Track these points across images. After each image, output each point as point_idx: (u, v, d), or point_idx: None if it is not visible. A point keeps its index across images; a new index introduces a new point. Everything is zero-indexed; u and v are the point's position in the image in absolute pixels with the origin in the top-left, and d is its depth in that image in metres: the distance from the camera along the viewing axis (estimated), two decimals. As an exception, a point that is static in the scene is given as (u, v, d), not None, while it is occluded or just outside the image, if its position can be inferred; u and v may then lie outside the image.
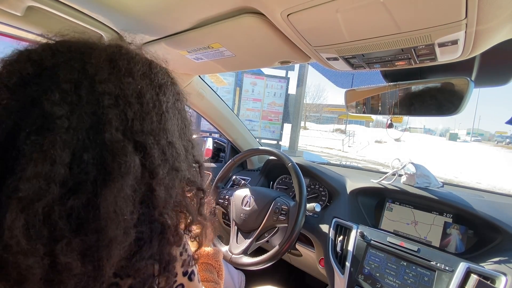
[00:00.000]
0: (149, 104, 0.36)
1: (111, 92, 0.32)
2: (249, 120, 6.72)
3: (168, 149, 0.37)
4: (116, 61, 0.35)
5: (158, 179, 0.35)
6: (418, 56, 0.57)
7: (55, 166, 0.28)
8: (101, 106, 0.32)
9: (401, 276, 0.80)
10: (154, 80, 0.38)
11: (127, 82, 0.34)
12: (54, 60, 0.32)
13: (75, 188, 0.29)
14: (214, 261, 0.65)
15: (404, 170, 1.01)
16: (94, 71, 0.33)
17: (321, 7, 0.46)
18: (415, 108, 0.81)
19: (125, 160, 0.31)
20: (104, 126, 0.31)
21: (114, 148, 0.31)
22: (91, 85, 0.32)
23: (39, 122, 0.29)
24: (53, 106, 0.29)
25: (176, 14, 0.64)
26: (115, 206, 0.30)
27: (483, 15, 0.41)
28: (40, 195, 0.27)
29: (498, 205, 0.86)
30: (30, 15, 0.68)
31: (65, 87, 0.30)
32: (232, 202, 1.07)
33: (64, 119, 0.29)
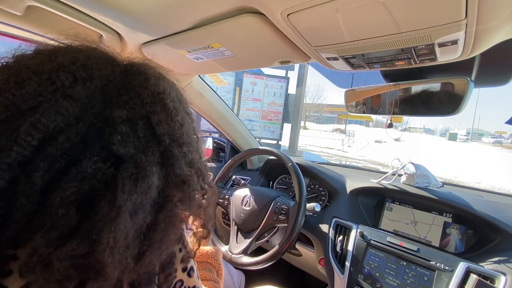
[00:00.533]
0: (190, 135, 0.40)
1: (168, 132, 0.35)
2: (249, 120, 6.73)
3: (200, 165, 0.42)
4: (164, 101, 0.36)
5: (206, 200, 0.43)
6: (418, 56, 0.57)
7: (151, 188, 0.32)
8: (163, 145, 0.35)
9: (400, 275, 0.80)
10: (187, 111, 0.41)
11: (176, 121, 0.37)
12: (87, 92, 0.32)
13: (152, 208, 0.33)
14: (214, 260, 0.65)
15: (404, 170, 1.01)
16: (146, 112, 0.34)
17: (321, 7, 0.46)
18: (415, 108, 0.81)
19: (194, 188, 0.38)
20: (173, 162, 0.35)
21: (187, 180, 0.37)
22: (147, 126, 0.34)
23: (101, 154, 0.30)
24: (119, 148, 0.31)
25: (176, 14, 0.64)
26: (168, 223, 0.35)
27: (483, 15, 0.41)
28: (140, 207, 0.31)
29: (497, 205, 0.86)
30: (30, 15, 0.68)
31: (122, 129, 0.31)
32: (232, 202, 1.07)
33: (141, 155, 0.32)
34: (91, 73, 0.32)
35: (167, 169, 0.35)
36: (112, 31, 0.79)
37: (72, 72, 0.31)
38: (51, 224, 0.27)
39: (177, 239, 0.40)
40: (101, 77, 0.33)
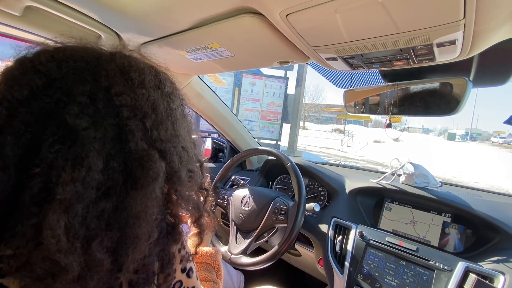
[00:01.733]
0: (162, 114, 0.38)
1: (127, 104, 0.34)
2: (248, 120, 6.73)
3: (183, 153, 0.40)
4: (128, 73, 0.36)
5: (181, 182, 0.39)
6: (417, 56, 0.57)
7: (91, 172, 0.30)
8: (120, 117, 0.34)
9: (400, 275, 0.80)
10: (164, 90, 0.40)
11: (141, 94, 0.36)
12: (61, 71, 0.34)
13: (106, 192, 0.31)
14: (213, 261, 0.65)
15: (402, 170, 1.01)
16: (108, 83, 0.34)
17: (320, 7, 0.46)
18: (413, 108, 0.81)
19: (154, 166, 0.34)
20: (127, 136, 0.33)
21: (140, 156, 0.34)
22: (107, 98, 0.34)
23: (60, 133, 0.31)
24: (75, 119, 0.31)
25: (175, 14, 0.64)
26: (145, 207, 0.33)
27: (481, 15, 0.41)
28: (78, 197, 0.29)
29: (496, 204, 0.87)
30: (28, 15, 0.68)
31: (81, 100, 0.32)
32: (231, 202, 1.07)
33: (90, 130, 0.31)
34: (70, 56, 0.35)
35: (123, 145, 0.33)
36: (111, 31, 0.79)
37: (51, 54, 0.35)
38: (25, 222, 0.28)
39: (166, 233, 0.39)
40: (79, 59, 0.35)
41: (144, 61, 0.41)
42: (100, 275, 0.30)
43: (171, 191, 0.39)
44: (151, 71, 0.40)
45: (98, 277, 0.30)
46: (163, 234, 0.38)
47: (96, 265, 0.30)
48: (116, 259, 0.32)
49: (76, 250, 0.29)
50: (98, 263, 0.30)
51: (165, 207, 0.39)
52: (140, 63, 0.39)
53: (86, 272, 0.29)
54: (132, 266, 0.33)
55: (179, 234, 0.41)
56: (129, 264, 0.32)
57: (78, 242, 0.29)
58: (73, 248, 0.28)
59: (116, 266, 0.32)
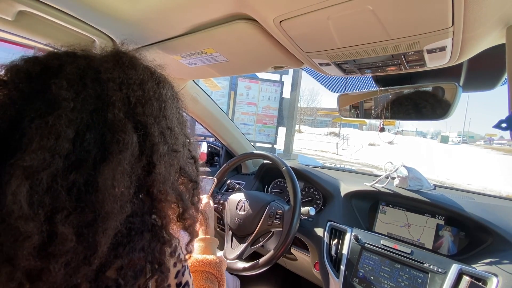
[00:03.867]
0: (150, 92, 0.39)
1: (115, 79, 0.35)
2: (244, 124, 6.73)
3: (167, 132, 0.40)
4: (120, 57, 0.38)
5: (158, 155, 0.37)
6: (408, 62, 0.58)
7: (59, 140, 0.30)
8: (105, 90, 0.34)
9: (395, 278, 0.81)
10: (154, 74, 0.42)
11: (130, 72, 0.37)
12: (60, 61, 0.35)
13: (78, 163, 0.31)
14: (216, 271, 0.62)
15: (396, 173, 1.02)
16: (99, 64, 0.36)
17: (312, 14, 0.47)
18: (406, 112, 0.82)
19: (123, 136, 0.33)
20: (108, 107, 0.34)
21: (114, 126, 0.33)
22: (96, 75, 0.35)
23: (44, 108, 0.31)
24: (60, 90, 0.32)
25: (170, 20, 0.64)
26: (113, 180, 0.32)
27: (469, 23, 0.43)
28: (44, 165, 0.29)
29: (488, 206, 0.88)
30: (21, 20, 0.67)
31: (71, 77, 0.33)
32: (227, 207, 1.06)
33: (70, 101, 0.32)
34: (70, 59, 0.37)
35: (101, 116, 0.34)
36: (105, 36, 0.79)
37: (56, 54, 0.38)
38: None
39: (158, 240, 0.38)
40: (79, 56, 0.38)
41: (141, 58, 0.43)
42: (66, 256, 0.29)
43: (150, 169, 0.37)
44: (144, 63, 0.42)
45: (64, 258, 0.29)
46: (146, 228, 0.36)
47: (60, 238, 0.29)
48: (87, 238, 0.30)
49: (38, 218, 0.28)
50: (62, 236, 0.29)
51: (146, 197, 0.38)
52: (134, 54, 0.42)
53: (50, 245, 0.29)
54: (105, 247, 0.31)
55: (168, 236, 0.39)
56: (101, 246, 0.31)
57: (41, 210, 0.28)
58: (35, 216, 0.28)
59: (89, 246, 0.31)
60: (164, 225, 0.39)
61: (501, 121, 0.43)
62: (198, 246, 0.67)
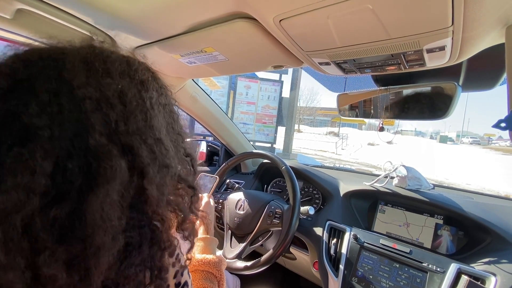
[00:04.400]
0: (132, 103, 0.34)
1: (91, 96, 0.31)
2: (243, 123, 6.73)
3: (157, 146, 0.36)
4: (91, 62, 0.33)
5: (148, 178, 0.34)
6: (408, 62, 0.58)
7: (35, 177, 0.27)
8: (83, 112, 0.30)
9: (393, 278, 0.81)
10: (134, 77, 0.37)
11: (106, 84, 0.33)
12: (27, 70, 0.31)
13: (59, 197, 0.28)
14: (216, 271, 0.61)
15: (396, 173, 1.02)
16: (71, 76, 0.31)
17: (312, 13, 0.47)
18: (405, 112, 0.82)
19: (110, 164, 0.30)
20: (88, 132, 0.30)
21: (98, 153, 0.30)
22: (70, 92, 0.31)
23: (21, 134, 0.28)
24: (31, 118, 0.28)
25: (170, 18, 0.64)
26: (102, 212, 0.29)
27: (469, 22, 0.43)
28: (18, 206, 0.26)
29: (487, 206, 0.88)
30: (20, 18, 0.67)
31: (43, 98, 0.29)
32: (226, 206, 1.06)
33: (46, 128, 0.28)
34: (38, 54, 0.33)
35: (82, 142, 0.30)
36: (104, 35, 0.78)
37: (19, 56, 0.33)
38: None
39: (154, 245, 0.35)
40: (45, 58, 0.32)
41: (115, 50, 0.38)
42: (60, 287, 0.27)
43: (142, 190, 0.34)
44: (121, 59, 0.37)
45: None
46: (144, 240, 0.34)
47: (48, 281, 0.27)
48: (79, 272, 0.28)
49: (18, 265, 0.25)
50: (50, 279, 0.26)
51: (138, 211, 0.35)
52: (107, 52, 0.36)
53: (39, 284, 0.27)
54: (99, 279, 0.29)
55: (168, 242, 0.38)
56: (96, 278, 0.29)
57: (20, 257, 0.26)
58: (14, 264, 0.25)
59: (82, 277, 0.28)
60: (165, 230, 0.38)
61: (500, 121, 0.43)
62: (197, 246, 0.67)
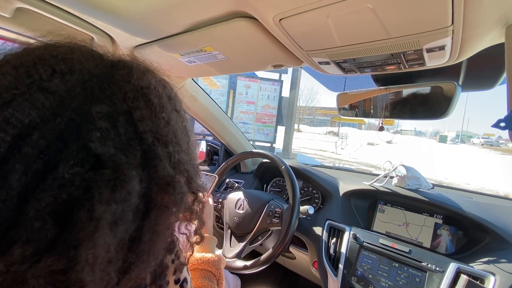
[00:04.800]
0: (181, 136, 0.38)
1: (151, 130, 0.32)
2: (243, 123, 6.73)
3: (192, 170, 0.40)
4: (147, 95, 0.33)
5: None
6: (407, 61, 0.58)
7: (131, 196, 0.29)
8: (146, 144, 0.32)
9: (393, 277, 0.81)
10: (178, 109, 0.39)
11: (162, 118, 0.34)
12: (65, 85, 0.30)
13: (134, 216, 0.30)
14: (215, 269, 0.62)
15: (395, 172, 1.02)
16: (127, 107, 0.32)
17: (312, 12, 0.47)
18: (405, 112, 0.82)
19: (181, 191, 0.34)
20: (154, 162, 0.32)
21: (167, 182, 0.33)
22: (129, 123, 0.31)
23: (79, 156, 0.28)
24: (100, 146, 0.28)
25: (169, 17, 0.64)
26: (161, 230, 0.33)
27: (469, 22, 0.43)
28: (121, 217, 0.28)
29: (486, 206, 0.88)
30: (19, 17, 0.67)
31: (101, 125, 0.29)
32: (226, 205, 1.06)
33: (120, 155, 0.29)
34: (71, 66, 0.30)
35: (150, 170, 0.32)
36: (104, 34, 0.78)
37: (51, 65, 0.29)
38: (26, 237, 0.24)
39: (167, 248, 0.38)
40: (83, 71, 0.31)
41: (156, 73, 0.39)
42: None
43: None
44: (165, 86, 0.39)
45: None
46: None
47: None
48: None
49: (110, 282, 0.27)
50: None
51: None
52: (154, 79, 0.37)
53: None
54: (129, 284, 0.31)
55: (173, 243, 0.39)
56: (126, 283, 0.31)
57: (113, 272, 0.27)
58: (106, 279, 0.27)
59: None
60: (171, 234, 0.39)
61: (500, 120, 0.43)
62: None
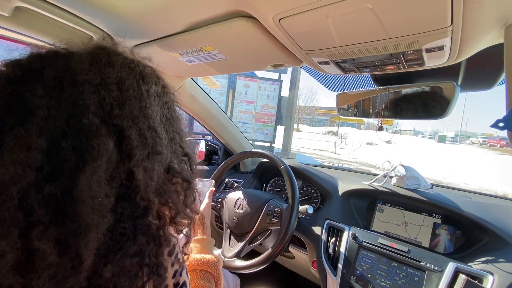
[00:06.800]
0: (128, 91, 0.37)
1: (91, 81, 0.34)
2: (242, 122, 6.73)
3: (148, 133, 0.38)
4: (97, 55, 0.36)
5: (135, 161, 0.35)
6: (407, 61, 0.58)
7: (30, 152, 0.29)
8: (81, 94, 0.33)
9: (392, 276, 0.81)
10: (134, 69, 0.39)
11: (107, 72, 0.35)
12: (41, 63, 0.34)
13: (53, 174, 0.30)
14: (214, 270, 0.62)
15: (394, 172, 1.02)
16: (76, 65, 0.34)
17: (312, 12, 0.47)
18: (404, 111, 0.82)
19: (98, 142, 0.32)
20: (83, 112, 0.32)
21: (89, 132, 0.32)
22: (73, 77, 0.33)
23: (22, 116, 0.30)
24: (34, 97, 0.31)
25: (169, 17, 0.64)
26: (89, 190, 0.30)
27: (468, 22, 0.43)
28: (15, 179, 0.28)
29: (484, 205, 0.89)
30: (18, 16, 0.67)
31: (48, 83, 0.32)
32: (225, 205, 1.06)
33: (44, 108, 0.31)
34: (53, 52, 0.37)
35: (72, 120, 0.33)
36: (103, 33, 0.78)
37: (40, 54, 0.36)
38: None
39: (168, 252, 0.38)
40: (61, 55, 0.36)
41: (123, 51, 0.41)
42: (49, 270, 0.28)
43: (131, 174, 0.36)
44: (125, 56, 0.40)
45: (47, 272, 0.28)
46: (139, 232, 0.35)
47: (40, 254, 0.28)
48: (69, 251, 0.29)
49: (11, 236, 0.27)
50: (41, 252, 0.28)
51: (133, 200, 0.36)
52: (112, 48, 0.39)
53: (29, 261, 0.28)
54: (90, 259, 0.30)
55: (164, 238, 0.38)
56: (86, 258, 0.30)
57: (14, 228, 0.27)
58: (7, 234, 0.27)
59: (73, 258, 0.29)
60: (161, 226, 0.38)
61: (499, 120, 0.43)
62: (194, 247, 0.67)
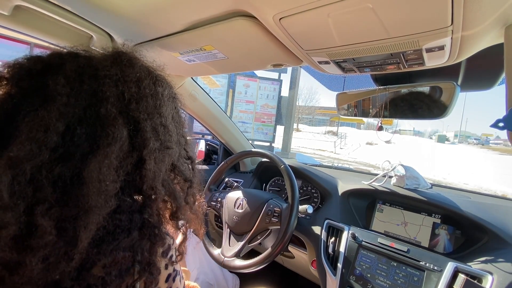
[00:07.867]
0: (145, 89, 0.40)
1: (111, 76, 0.36)
2: (242, 122, 6.73)
3: (161, 128, 0.41)
4: (119, 56, 0.40)
5: (149, 149, 0.38)
6: (407, 61, 0.58)
7: (48, 133, 0.31)
8: (101, 86, 0.35)
9: (391, 276, 0.81)
10: (151, 73, 0.43)
11: (127, 71, 0.38)
12: (61, 60, 0.37)
13: (65, 156, 0.32)
14: None
15: (394, 172, 1.02)
16: (98, 63, 0.37)
17: (312, 11, 0.47)
18: (404, 111, 0.82)
19: (113, 130, 0.34)
20: (102, 103, 0.35)
21: (106, 120, 0.34)
22: (94, 72, 0.36)
23: (39, 103, 0.32)
24: (56, 85, 0.33)
25: (169, 16, 0.64)
26: (99, 172, 0.32)
27: (468, 22, 0.43)
28: (30, 156, 0.29)
29: (484, 205, 0.89)
30: (18, 15, 0.67)
31: (69, 74, 0.35)
32: (225, 205, 1.06)
33: (64, 96, 0.33)
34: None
35: (90, 109, 0.36)
36: (103, 32, 0.78)
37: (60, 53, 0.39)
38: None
39: (162, 253, 0.39)
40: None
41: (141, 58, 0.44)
42: (45, 250, 0.29)
43: (140, 164, 0.38)
44: (145, 62, 0.43)
45: (42, 252, 0.29)
46: (134, 227, 0.35)
47: (40, 231, 0.29)
48: (68, 232, 0.30)
49: (17, 208, 0.28)
50: (41, 229, 0.29)
51: (133, 193, 0.38)
52: (134, 54, 0.43)
53: (28, 237, 0.29)
54: (86, 242, 0.31)
55: (159, 236, 0.38)
56: (82, 240, 0.30)
57: (22, 201, 0.28)
58: (14, 206, 0.28)
59: (69, 241, 0.30)
60: (157, 224, 0.39)
61: (499, 120, 0.43)
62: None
